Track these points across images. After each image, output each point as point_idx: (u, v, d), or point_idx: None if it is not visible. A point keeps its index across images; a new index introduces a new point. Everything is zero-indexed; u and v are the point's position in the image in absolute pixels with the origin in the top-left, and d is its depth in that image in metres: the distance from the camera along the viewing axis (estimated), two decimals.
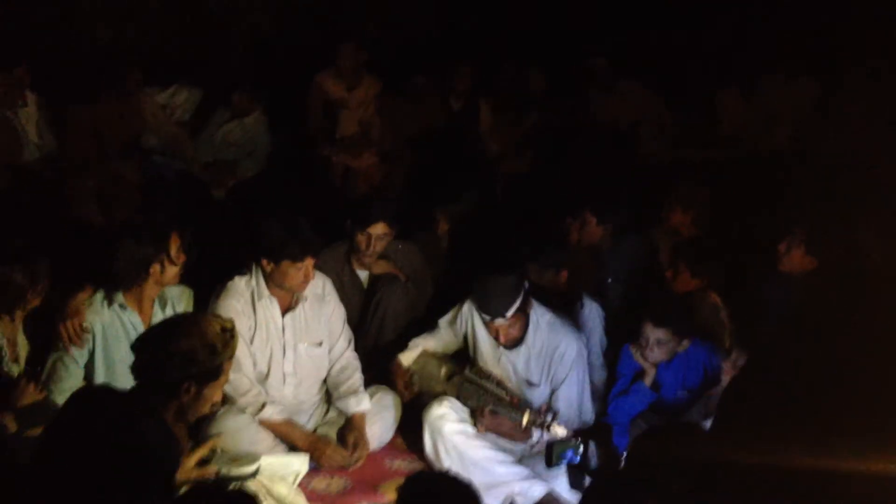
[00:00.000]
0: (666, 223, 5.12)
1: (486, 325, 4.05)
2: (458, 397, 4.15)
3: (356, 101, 6.63)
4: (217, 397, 3.21)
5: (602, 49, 6.99)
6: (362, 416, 4.18)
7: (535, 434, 4.04)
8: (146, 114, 6.16)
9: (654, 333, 4.04)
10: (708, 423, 3.65)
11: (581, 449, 3.73)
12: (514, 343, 4.10)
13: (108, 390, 3.18)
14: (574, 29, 7.32)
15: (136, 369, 3.17)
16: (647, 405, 4.11)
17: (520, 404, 4.04)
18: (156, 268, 3.80)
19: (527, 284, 4.02)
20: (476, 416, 4.06)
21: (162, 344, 3.12)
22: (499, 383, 4.13)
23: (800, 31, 6.82)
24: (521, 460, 4.03)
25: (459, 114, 6.77)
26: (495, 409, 4.04)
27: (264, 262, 4.02)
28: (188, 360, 3.03)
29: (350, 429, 4.14)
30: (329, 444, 4.08)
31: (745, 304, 4.41)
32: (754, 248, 4.85)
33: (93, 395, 3.06)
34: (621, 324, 4.52)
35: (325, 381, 4.32)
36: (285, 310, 4.14)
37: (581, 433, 3.95)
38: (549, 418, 3.94)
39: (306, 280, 4.04)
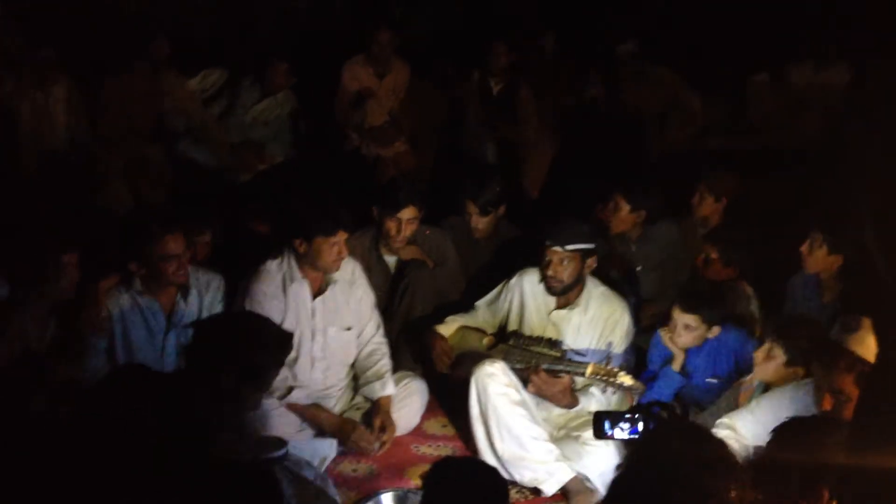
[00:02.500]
0: (696, 212, 5.07)
1: (543, 264, 4.04)
2: (506, 360, 4.06)
3: (386, 88, 6.59)
4: (257, 399, 3.24)
5: (632, 34, 6.92)
6: (388, 400, 4.18)
7: (595, 391, 3.96)
8: (177, 95, 6.16)
9: (682, 319, 4.04)
10: (734, 416, 3.61)
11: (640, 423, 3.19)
12: (566, 303, 4.12)
13: (147, 371, 3.23)
14: (604, 14, 7.25)
15: (186, 351, 3.21)
16: (675, 391, 4.09)
17: (579, 363, 3.96)
18: (168, 266, 3.81)
19: (595, 246, 4.08)
20: (528, 376, 3.95)
21: (215, 331, 3.16)
22: (549, 342, 4.07)
23: (831, 17, 6.73)
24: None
25: (498, 96, 6.67)
26: (550, 367, 3.94)
27: (297, 242, 4.00)
28: (235, 352, 3.05)
29: (376, 412, 4.14)
30: (356, 427, 4.09)
31: (775, 295, 4.36)
32: (783, 241, 4.80)
33: (133, 375, 3.11)
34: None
35: (352, 365, 4.32)
36: (315, 294, 4.13)
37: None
38: (615, 367, 3.88)
39: (340, 257, 4.03)
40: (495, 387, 3.92)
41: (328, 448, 3.96)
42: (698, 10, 7.05)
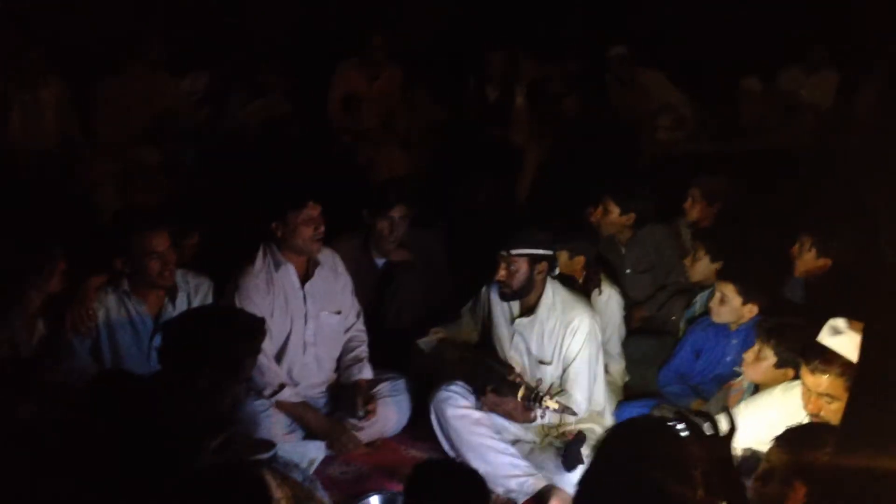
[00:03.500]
0: (688, 215, 5.08)
1: (495, 267, 4.03)
2: (467, 378, 4.13)
3: (378, 91, 6.60)
4: (236, 391, 3.23)
5: (623, 38, 6.94)
6: (365, 382, 4.21)
7: (537, 413, 3.99)
8: (170, 97, 6.16)
9: (720, 289, 4.11)
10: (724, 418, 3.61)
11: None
12: (527, 311, 4.11)
13: (128, 375, 3.22)
14: (595, 18, 7.27)
15: (159, 353, 3.20)
16: (681, 372, 4.17)
17: (522, 383, 4.01)
18: (153, 265, 3.80)
19: (548, 253, 4.05)
20: (482, 395, 4.03)
21: (186, 330, 3.15)
22: (504, 363, 4.13)
23: (821, 22, 6.77)
24: (530, 454, 4.01)
25: (495, 102, 6.72)
26: (497, 387, 4.01)
27: (274, 227, 4.05)
28: (208, 348, 3.04)
29: (357, 392, 4.15)
30: (343, 429, 4.09)
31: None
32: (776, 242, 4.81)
33: (111, 379, 3.11)
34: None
35: (338, 361, 4.34)
36: (303, 279, 4.16)
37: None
38: (541, 392, 3.92)
39: (318, 231, 4.06)
40: (453, 410, 4.01)
41: (316, 450, 3.96)
42: (689, 14, 7.08)
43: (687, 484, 2.16)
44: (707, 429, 2.42)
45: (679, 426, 2.39)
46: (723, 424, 2.46)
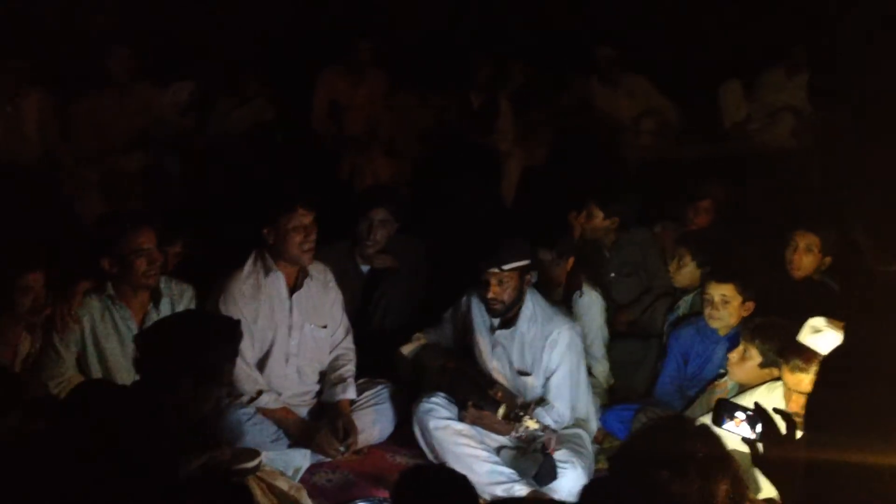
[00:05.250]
0: (693, 221, 5.09)
1: (482, 286, 4.02)
2: (449, 390, 4.15)
3: (363, 97, 6.60)
4: (217, 396, 3.21)
5: (606, 43, 6.97)
6: (347, 403, 4.19)
7: (518, 428, 3.99)
8: (152, 107, 6.15)
9: (717, 291, 4.11)
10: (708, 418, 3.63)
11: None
12: (507, 323, 4.11)
13: (108, 384, 3.20)
14: (578, 23, 7.29)
15: (136, 363, 3.18)
16: (676, 381, 4.20)
17: (503, 399, 4.03)
18: (139, 263, 3.79)
19: (532, 262, 4.07)
20: (462, 409, 4.05)
21: (161, 339, 3.13)
22: (487, 376, 4.14)
23: (802, 25, 6.81)
24: (514, 461, 4.01)
25: (479, 109, 6.72)
26: (478, 402, 4.03)
27: (265, 232, 4.04)
28: (186, 356, 3.03)
29: (337, 415, 4.12)
30: (321, 431, 4.04)
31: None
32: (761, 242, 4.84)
33: (90, 389, 3.09)
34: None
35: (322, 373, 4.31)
36: (292, 289, 4.14)
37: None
38: (520, 411, 3.94)
39: (308, 238, 4.03)
40: (435, 422, 4.02)
41: (302, 458, 3.95)
42: (672, 18, 7.11)
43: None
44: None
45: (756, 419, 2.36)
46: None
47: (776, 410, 2.43)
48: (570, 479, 3.81)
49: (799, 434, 2.25)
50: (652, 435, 2.40)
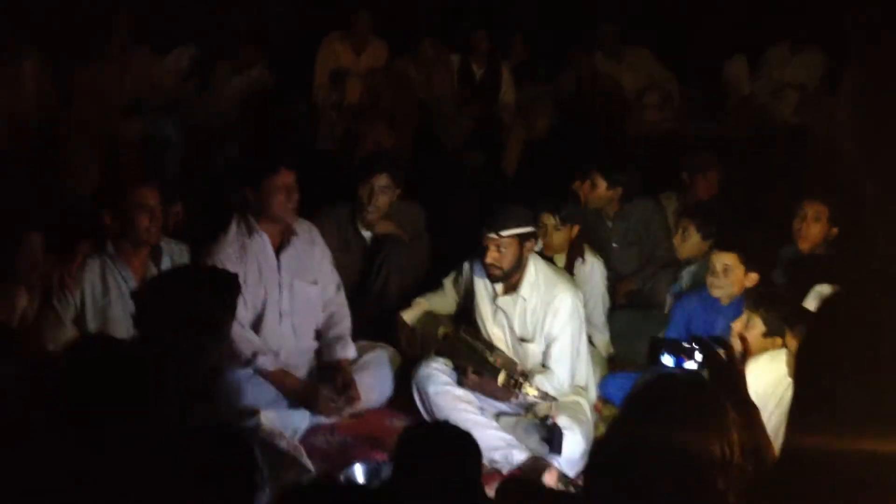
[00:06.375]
0: (694, 193, 5.06)
1: (481, 251, 4.00)
2: (449, 356, 4.13)
3: (364, 66, 6.56)
4: (216, 351, 3.19)
5: (610, 16, 6.93)
6: (347, 361, 4.19)
7: (518, 395, 4.00)
8: (151, 73, 6.11)
9: (719, 260, 4.07)
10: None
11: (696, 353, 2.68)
12: (510, 289, 4.08)
13: (107, 340, 3.18)
14: None
15: (135, 320, 3.15)
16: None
17: (503, 365, 4.01)
18: (141, 219, 3.77)
19: (534, 229, 4.04)
20: (462, 375, 4.04)
21: (158, 293, 3.11)
22: (487, 343, 4.13)
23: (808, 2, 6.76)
24: (514, 428, 4.00)
25: (481, 79, 6.70)
26: (478, 369, 4.02)
27: (248, 192, 4.04)
28: (184, 310, 3.00)
29: (336, 373, 4.13)
30: (319, 391, 4.06)
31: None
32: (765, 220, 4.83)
33: (93, 344, 3.06)
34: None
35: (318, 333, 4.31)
36: (278, 248, 4.13)
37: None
38: (520, 378, 3.93)
39: (290, 199, 4.03)
40: (434, 386, 4.01)
41: (301, 419, 3.93)
42: None
43: (723, 442, 2.04)
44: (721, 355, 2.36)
45: (696, 350, 2.34)
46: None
47: (713, 338, 2.45)
48: (570, 444, 3.80)
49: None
50: (654, 394, 2.35)
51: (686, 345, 2.42)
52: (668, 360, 2.43)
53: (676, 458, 2.00)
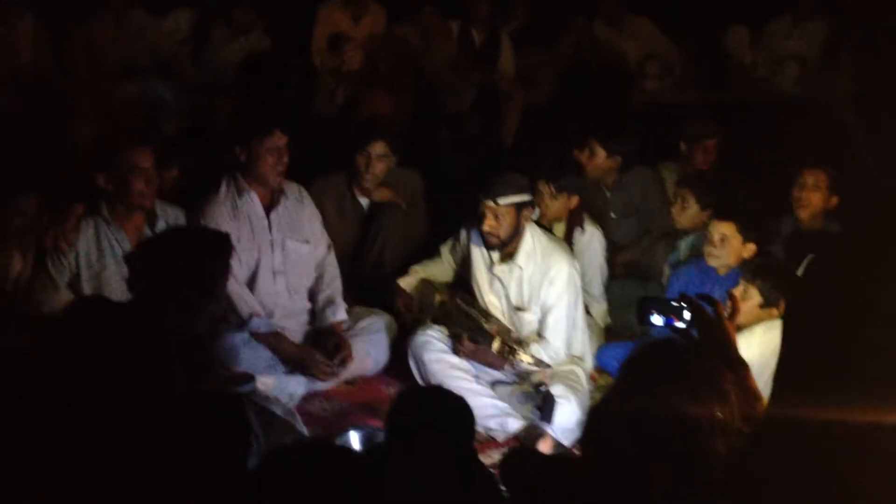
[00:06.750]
0: (692, 162, 5.02)
1: (478, 219, 3.99)
2: (445, 323, 4.13)
3: (363, 32, 6.50)
4: (211, 312, 3.18)
5: None
6: (339, 325, 4.21)
7: (513, 362, 4.00)
8: (148, 35, 6.06)
9: (717, 229, 4.04)
10: None
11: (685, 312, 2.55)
12: (507, 257, 4.07)
13: (102, 302, 3.16)
14: None
15: (128, 283, 3.14)
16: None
17: (498, 332, 4.01)
18: (136, 182, 3.74)
19: (531, 198, 4.02)
20: (458, 343, 4.04)
21: (152, 255, 3.09)
22: (483, 311, 4.12)
23: None
24: (509, 397, 3.99)
25: (481, 45, 6.63)
26: (474, 336, 4.02)
27: (238, 153, 4.03)
28: (178, 270, 2.99)
29: (328, 335, 4.15)
30: (313, 354, 4.06)
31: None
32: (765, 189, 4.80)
33: (87, 306, 3.05)
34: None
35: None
36: (268, 208, 4.14)
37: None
38: (515, 345, 3.93)
39: (280, 161, 4.03)
40: (430, 354, 4.01)
41: (297, 385, 3.93)
42: None
43: (723, 406, 2.01)
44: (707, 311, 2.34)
45: (684, 308, 2.33)
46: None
47: (700, 295, 2.41)
48: (566, 413, 3.80)
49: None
50: (652, 359, 2.34)
51: (674, 304, 2.39)
52: (657, 319, 2.40)
53: (675, 425, 1.98)
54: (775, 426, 1.93)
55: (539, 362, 3.93)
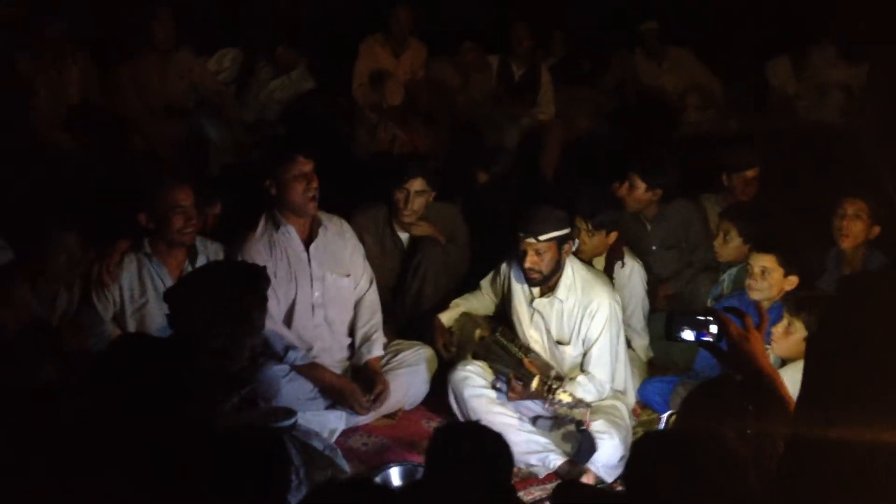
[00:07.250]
0: (734, 193, 4.99)
1: (519, 256, 3.98)
2: (485, 359, 4.11)
3: (403, 68, 6.57)
4: (250, 346, 3.21)
5: (651, 15, 6.87)
6: (376, 360, 4.20)
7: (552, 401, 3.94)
8: (194, 73, 6.16)
9: (758, 262, 3.99)
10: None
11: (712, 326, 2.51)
12: (547, 291, 4.06)
13: (144, 338, 3.20)
14: None
15: (169, 318, 3.18)
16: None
17: (539, 369, 3.97)
18: (176, 219, 3.80)
19: (571, 230, 4.01)
20: (508, 382, 3.99)
21: (190, 291, 3.13)
22: (523, 346, 4.10)
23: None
24: (551, 431, 3.98)
25: (521, 79, 6.67)
26: (516, 372, 3.98)
27: (267, 184, 4.04)
28: (214, 304, 3.02)
29: (365, 371, 4.15)
30: (351, 387, 4.07)
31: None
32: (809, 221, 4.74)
33: (130, 343, 3.10)
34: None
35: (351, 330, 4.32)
36: (307, 241, 4.15)
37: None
38: (554, 383, 3.89)
39: (310, 187, 4.03)
40: (470, 390, 4.00)
41: (337, 420, 3.95)
42: None
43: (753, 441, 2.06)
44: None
45: (710, 322, 2.31)
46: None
47: (728, 308, 2.39)
48: (608, 450, 3.78)
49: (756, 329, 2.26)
50: (705, 397, 2.34)
51: (700, 317, 2.36)
52: (688, 334, 2.37)
53: (721, 461, 2.00)
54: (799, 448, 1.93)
55: (578, 401, 3.89)
